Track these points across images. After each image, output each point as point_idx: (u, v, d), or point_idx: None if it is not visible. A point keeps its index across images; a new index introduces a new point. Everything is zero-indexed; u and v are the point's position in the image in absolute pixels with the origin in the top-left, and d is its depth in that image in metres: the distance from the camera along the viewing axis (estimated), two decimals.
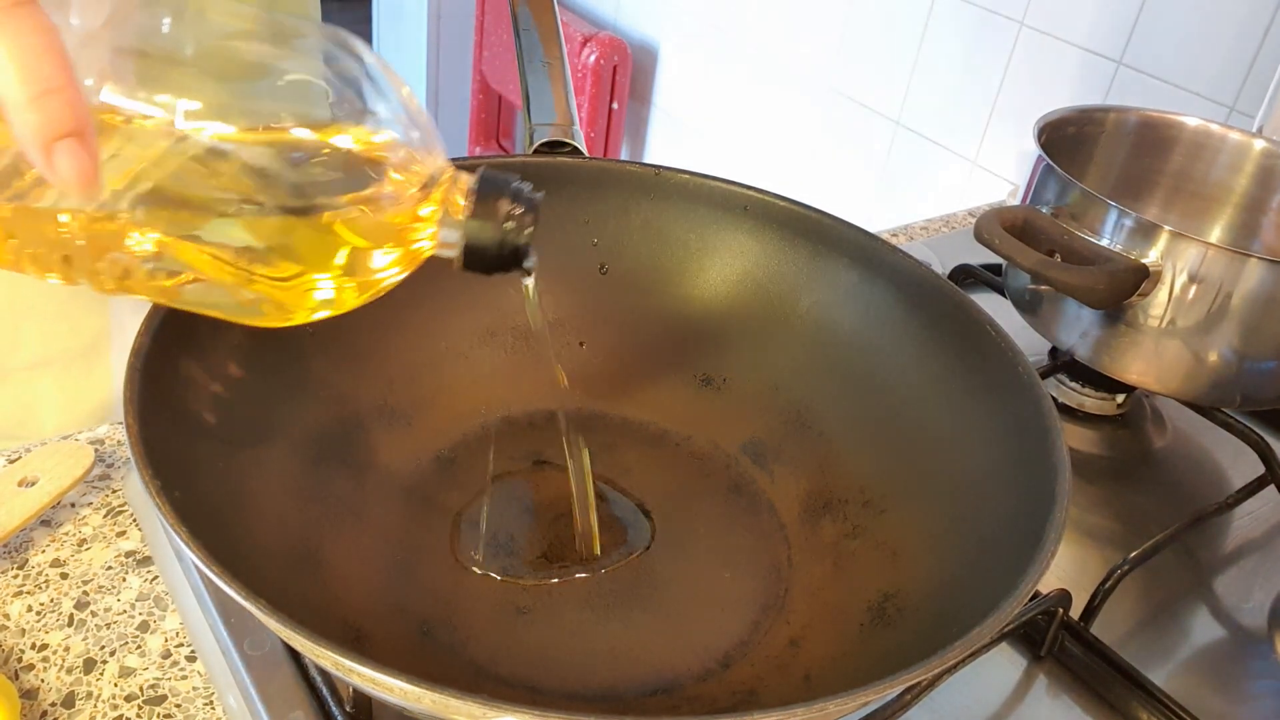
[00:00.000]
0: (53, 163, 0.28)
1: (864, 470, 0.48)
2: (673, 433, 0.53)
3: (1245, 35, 0.93)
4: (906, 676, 0.30)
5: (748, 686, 0.41)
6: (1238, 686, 0.50)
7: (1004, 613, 0.32)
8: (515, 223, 0.36)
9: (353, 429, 0.47)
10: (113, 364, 0.59)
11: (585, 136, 0.55)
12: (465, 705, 0.27)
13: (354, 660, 0.28)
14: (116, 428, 0.55)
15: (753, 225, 0.53)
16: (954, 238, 0.87)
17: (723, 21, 1.58)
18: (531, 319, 0.41)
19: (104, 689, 0.42)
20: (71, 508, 0.50)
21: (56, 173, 0.28)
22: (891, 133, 1.34)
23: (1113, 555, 0.53)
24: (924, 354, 0.48)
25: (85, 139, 0.28)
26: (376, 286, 0.35)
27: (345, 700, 0.40)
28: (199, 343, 0.41)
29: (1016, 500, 0.40)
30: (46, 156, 0.28)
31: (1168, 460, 0.65)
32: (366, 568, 0.43)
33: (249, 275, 0.33)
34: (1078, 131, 0.68)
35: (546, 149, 0.54)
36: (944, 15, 1.23)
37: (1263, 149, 0.67)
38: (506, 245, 0.36)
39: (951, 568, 0.41)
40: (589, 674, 0.41)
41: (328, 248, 0.33)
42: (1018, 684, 0.48)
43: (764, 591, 0.46)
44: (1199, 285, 0.54)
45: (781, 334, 0.53)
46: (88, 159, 0.28)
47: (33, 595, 0.45)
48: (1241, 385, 0.58)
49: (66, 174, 0.28)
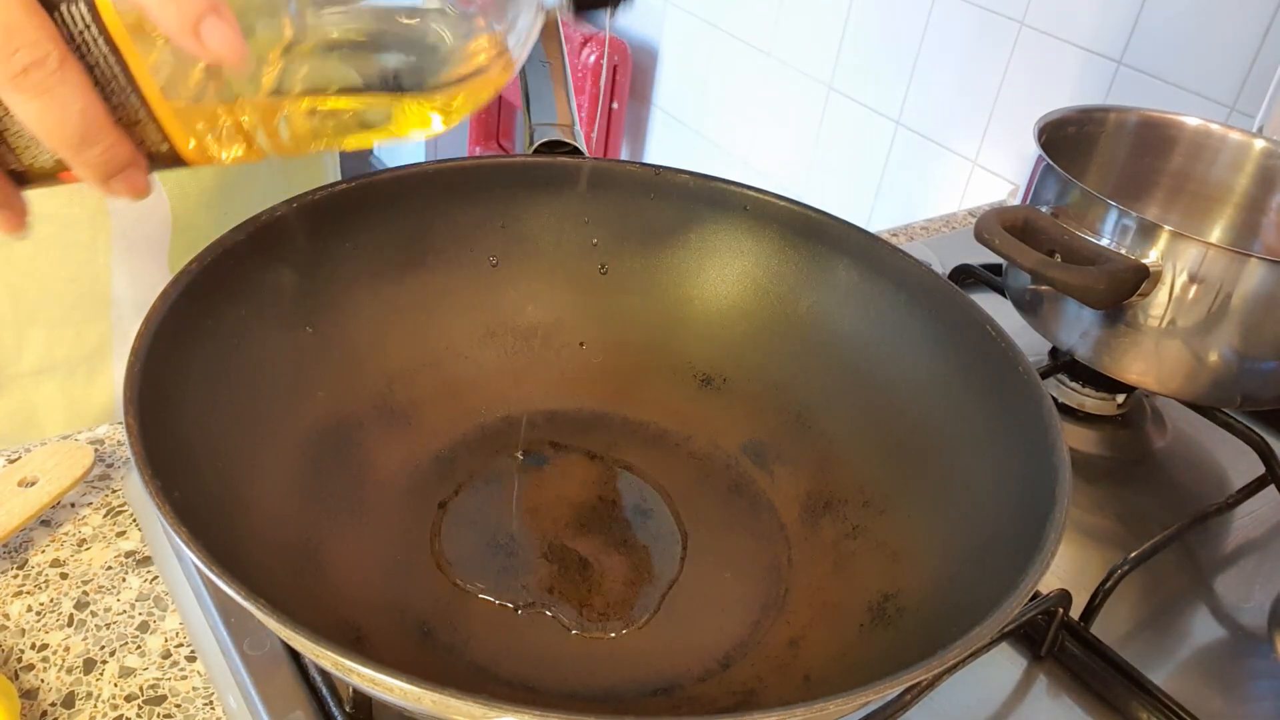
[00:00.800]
0: (203, 41, 0.31)
1: (864, 470, 0.48)
2: (673, 433, 0.53)
3: (1245, 35, 0.93)
4: (907, 676, 0.30)
5: (748, 687, 0.41)
6: (1238, 687, 0.50)
7: (1004, 613, 0.32)
8: None
9: (353, 429, 0.47)
10: (115, 371, 0.59)
11: (585, 136, 0.55)
12: (465, 705, 0.27)
13: (354, 660, 0.28)
14: (116, 428, 0.55)
15: (753, 225, 0.53)
16: (954, 238, 0.87)
17: (723, 21, 1.58)
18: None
19: (104, 689, 0.42)
20: (71, 508, 0.50)
21: (208, 49, 0.31)
22: (891, 133, 1.34)
23: (1113, 555, 0.53)
24: (924, 354, 0.48)
25: (223, 13, 0.31)
26: (514, 62, 0.39)
27: (345, 700, 0.40)
28: (198, 343, 0.41)
29: (1017, 500, 0.40)
30: (196, 38, 0.31)
31: (1168, 460, 0.65)
32: (366, 568, 0.43)
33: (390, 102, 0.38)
34: (1078, 131, 0.68)
35: (546, 149, 0.54)
36: (944, 15, 1.23)
37: (1263, 149, 0.67)
38: None
39: (952, 567, 0.41)
40: (589, 674, 0.41)
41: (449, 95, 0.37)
42: (1018, 684, 0.48)
43: (764, 591, 0.46)
44: (1199, 285, 0.54)
45: (781, 334, 0.53)
46: (231, 30, 0.31)
47: (32, 595, 0.45)
48: (1242, 385, 0.58)
49: (218, 47, 0.31)
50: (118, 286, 0.57)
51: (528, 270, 0.53)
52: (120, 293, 0.57)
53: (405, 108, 0.38)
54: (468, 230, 0.52)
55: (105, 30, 0.32)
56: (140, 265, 0.57)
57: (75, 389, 0.58)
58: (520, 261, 0.53)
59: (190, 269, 0.41)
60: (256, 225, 0.44)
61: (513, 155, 0.53)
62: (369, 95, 0.37)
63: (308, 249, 0.47)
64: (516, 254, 0.53)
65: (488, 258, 0.53)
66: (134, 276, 0.57)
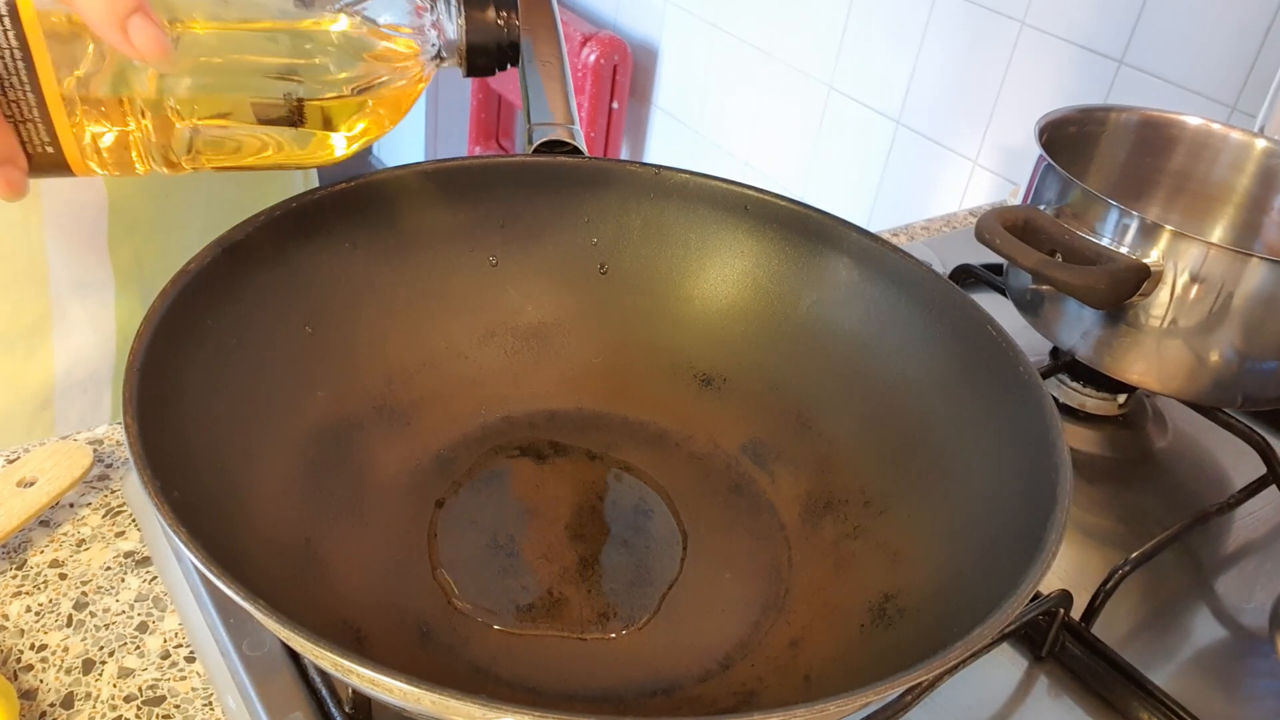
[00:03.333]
0: (130, 37, 0.32)
1: (864, 470, 0.48)
2: (673, 433, 0.53)
3: (1246, 35, 0.93)
4: (907, 677, 0.30)
5: (748, 687, 0.41)
6: (1239, 687, 0.50)
7: (1005, 613, 0.32)
8: (505, 21, 0.40)
9: (352, 429, 0.47)
10: (54, 346, 0.59)
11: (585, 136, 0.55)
12: (465, 705, 0.27)
13: (354, 661, 0.28)
14: (116, 428, 0.55)
15: (753, 225, 0.53)
16: (954, 238, 0.87)
17: (723, 21, 1.58)
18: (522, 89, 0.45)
19: (103, 689, 0.42)
20: (70, 508, 0.50)
21: (135, 46, 0.32)
22: (891, 133, 1.34)
23: (1114, 556, 0.53)
24: (924, 354, 0.48)
25: (149, 13, 0.32)
26: (402, 109, 0.41)
27: (345, 701, 0.40)
28: (198, 343, 0.41)
29: (1017, 500, 0.40)
30: (123, 34, 0.32)
31: (1169, 460, 0.65)
32: (366, 568, 0.43)
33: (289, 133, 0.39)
34: (1079, 131, 0.68)
35: (546, 149, 0.54)
36: (944, 15, 1.23)
37: (1264, 148, 0.67)
38: (504, 42, 0.41)
39: (952, 568, 0.41)
40: (589, 674, 0.41)
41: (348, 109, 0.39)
42: (1018, 684, 0.48)
43: (764, 592, 0.45)
44: (1200, 285, 0.54)
45: (781, 334, 0.53)
46: (157, 29, 0.33)
47: (31, 596, 0.45)
48: (1243, 385, 0.58)
49: (144, 44, 0.32)
50: (54, 266, 0.57)
51: (528, 270, 0.53)
52: (56, 272, 0.57)
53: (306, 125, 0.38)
54: (468, 230, 0.52)
55: (19, 24, 0.33)
56: (76, 244, 0.57)
57: (13, 364, 0.58)
58: (520, 261, 0.53)
59: (190, 269, 0.41)
60: (256, 225, 0.44)
61: (513, 155, 0.53)
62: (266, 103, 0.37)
63: (307, 249, 0.47)
64: (516, 254, 0.53)
65: (488, 258, 0.53)
66: (70, 256, 0.57)
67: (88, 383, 0.60)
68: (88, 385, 0.61)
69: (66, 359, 0.59)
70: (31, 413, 0.59)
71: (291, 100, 0.37)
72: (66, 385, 0.60)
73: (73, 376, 0.60)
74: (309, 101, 0.37)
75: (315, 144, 0.39)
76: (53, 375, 0.59)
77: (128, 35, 0.32)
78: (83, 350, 0.60)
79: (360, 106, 0.38)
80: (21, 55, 0.33)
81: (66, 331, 0.58)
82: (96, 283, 0.59)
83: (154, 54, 0.33)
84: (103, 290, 0.59)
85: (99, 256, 0.58)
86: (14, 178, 0.35)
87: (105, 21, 0.32)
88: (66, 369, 0.59)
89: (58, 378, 0.59)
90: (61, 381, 0.59)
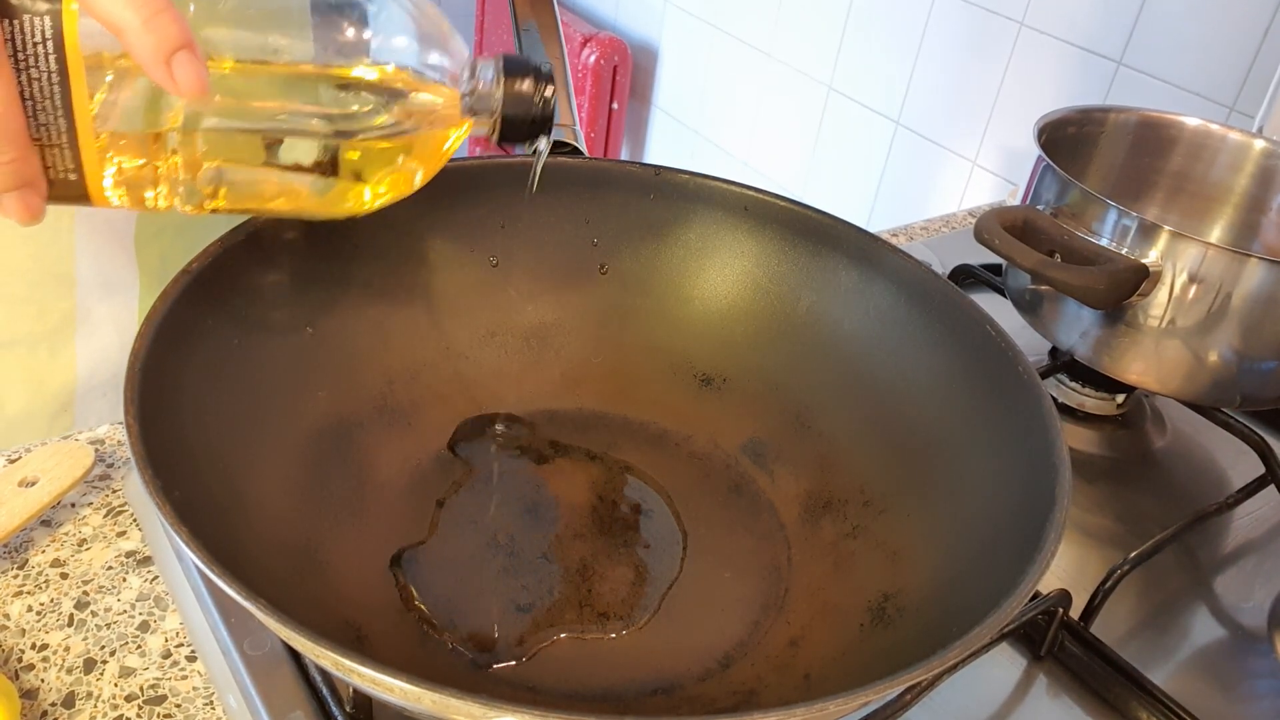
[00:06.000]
0: (173, 73, 0.32)
1: (864, 470, 0.48)
2: (673, 433, 0.53)
3: (1245, 35, 0.93)
4: (906, 676, 0.30)
5: (748, 686, 0.41)
6: (1238, 686, 0.50)
7: (1004, 613, 0.32)
8: (540, 95, 0.41)
9: (353, 428, 0.47)
10: (78, 349, 0.59)
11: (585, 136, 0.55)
12: (465, 705, 0.27)
13: (354, 660, 0.28)
14: (116, 428, 0.55)
15: (753, 225, 0.53)
16: (954, 238, 0.87)
17: (722, 22, 1.58)
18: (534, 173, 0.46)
19: (104, 689, 0.42)
20: (71, 508, 0.50)
21: (177, 82, 0.33)
22: (891, 133, 1.34)
23: (1113, 555, 0.53)
24: (924, 354, 0.48)
25: (195, 50, 0.33)
26: (432, 165, 0.41)
27: (345, 700, 0.40)
28: (199, 342, 0.41)
29: (1016, 500, 0.40)
30: (167, 69, 0.32)
31: (1168, 460, 0.65)
32: (367, 567, 0.43)
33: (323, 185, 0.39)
34: (1078, 131, 0.68)
35: None
36: (944, 15, 1.23)
37: (1263, 149, 0.67)
38: (538, 115, 0.41)
39: (951, 568, 0.41)
40: (589, 673, 0.41)
41: (383, 158, 0.39)
42: (1018, 684, 0.48)
43: (764, 591, 0.46)
44: (1199, 285, 0.54)
45: (781, 334, 0.53)
46: (200, 67, 0.33)
47: (33, 595, 0.45)
48: (1241, 385, 0.58)
49: (185, 81, 0.33)
50: (82, 266, 0.57)
51: (528, 270, 0.53)
52: (84, 273, 0.57)
53: (338, 174, 0.38)
54: (468, 230, 0.52)
55: (62, 50, 0.33)
56: (105, 244, 0.57)
57: (37, 365, 0.58)
58: (520, 261, 0.53)
59: (190, 269, 0.41)
60: (256, 225, 0.44)
61: (513, 155, 0.53)
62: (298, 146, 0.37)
63: (308, 249, 0.47)
64: (516, 254, 0.53)
65: (488, 258, 0.53)
66: (97, 257, 0.57)
67: (108, 385, 0.60)
68: (108, 389, 0.61)
69: (89, 361, 0.59)
70: (52, 414, 0.59)
71: (325, 144, 0.37)
72: (88, 388, 0.60)
73: (95, 378, 0.60)
74: (342, 145, 0.38)
75: (339, 193, 0.39)
76: (75, 377, 0.59)
77: (171, 70, 0.32)
78: (106, 352, 0.60)
79: (391, 159, 0.39)
80: (59, 80, 0.33)
81: (90, 333, 0.58)
82: (122, 283, 0.59)
83: (195, 90, 0.33)
84: (128, 291, 0.59)
85: (126, 256, 0.59)
86: (33, 203, 0.35)
87: (151, 54, 0.32)
88: (89, 371, 0.59)
89: (80, 379, 0.59)
90: (84, 384, 0.59)
